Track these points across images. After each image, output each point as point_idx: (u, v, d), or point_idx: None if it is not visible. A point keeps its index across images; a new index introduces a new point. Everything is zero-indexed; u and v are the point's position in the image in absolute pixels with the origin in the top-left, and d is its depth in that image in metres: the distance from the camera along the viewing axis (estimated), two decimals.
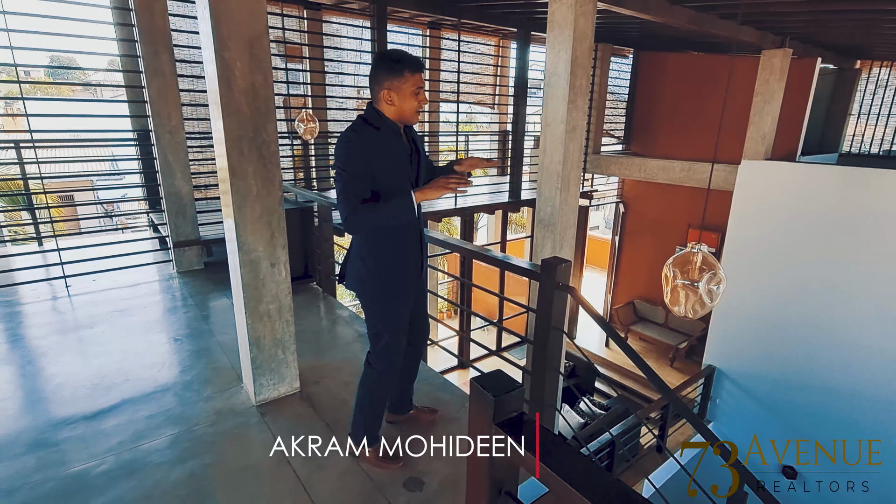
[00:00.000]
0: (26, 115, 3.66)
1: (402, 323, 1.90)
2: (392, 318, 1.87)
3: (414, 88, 1.70)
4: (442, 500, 1.88)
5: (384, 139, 1.73)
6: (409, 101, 1.71)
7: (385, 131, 1.74)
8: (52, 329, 3.23)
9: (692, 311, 1.86)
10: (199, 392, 2.53)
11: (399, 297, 1.86)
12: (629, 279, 9.78)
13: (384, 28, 5.53)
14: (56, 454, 2.05)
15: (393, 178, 1.74)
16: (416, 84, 1.70)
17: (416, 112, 1.75)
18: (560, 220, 3.68)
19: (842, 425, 5.62)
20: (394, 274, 1.83)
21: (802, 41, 6.58)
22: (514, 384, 1.04)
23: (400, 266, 1.84)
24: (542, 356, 1.98)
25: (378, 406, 2.00)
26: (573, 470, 0.89)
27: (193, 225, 4.33)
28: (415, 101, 1.72)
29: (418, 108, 1.74)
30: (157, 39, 3.88)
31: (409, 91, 1.69)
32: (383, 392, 1.99)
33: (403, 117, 1.75)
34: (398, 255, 1.83)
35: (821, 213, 5.58)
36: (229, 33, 1.98)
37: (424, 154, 1.93)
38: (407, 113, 1.74)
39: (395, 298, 1.85)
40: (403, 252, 1.84)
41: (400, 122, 1.78)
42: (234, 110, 2.07)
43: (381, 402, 2.01)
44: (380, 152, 1.71)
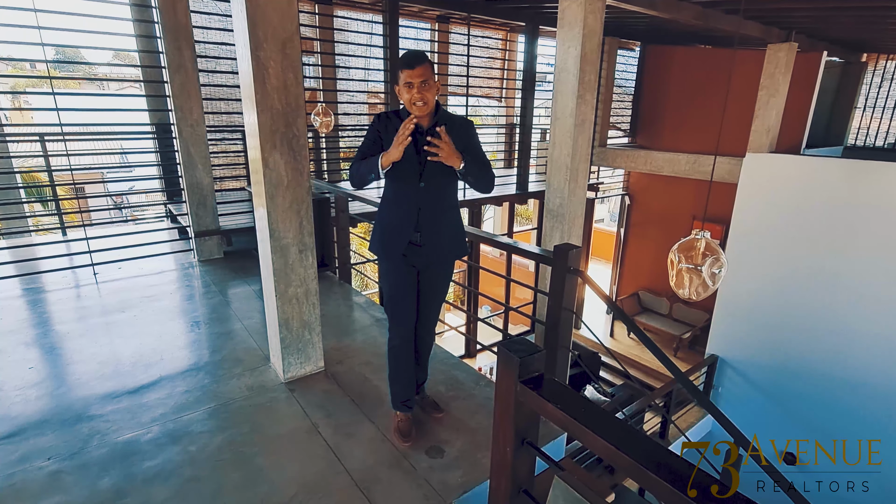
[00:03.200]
0: (56, 109, 3.81)
1: (397, 289, 2.07)
2: (383, 276, 2.10)
3: (404, 83, 1.86)
4: (460, 465, 2.05)
5: (395, 123, 1.92)
6: (403, 94, 1.89)
7: (401, 117, 1.94)
8: (86, 313, 3.41)
9: (696, 294, 2.00)
10: (231, 370, 2.71)
11: (385, 258, 2.06)
12: (634, 270, 9.91)
13: (396, 22, 5.65)
14: (105, 424, 2.23)
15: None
16: (405, 80, 1.86)
17: (412, 104, 1.88)
18: (569, 211, 3.82)
19: (843, 414, 5.75)
20: (378, 235, 2.06)
21: (808, 35, 6.65)
22: (536, 348, 1.19)
23: (388, 234, 2.03)
24: (555, 335, 2.13)
25: (393, 373, 2.17)
26: (587, 414, 1.04)
27: (214, 215, 4.49)
28: (406, 94, 1.88)
29: (412, 101, 1.87)
30: (179, 35, 4.02)
31: (402, 86, 1.87)
32: (393, 358, 2.15)
33: (409, 109, 1.93)
34: (388, 224, 2.04)
35: (825, 206, 5.67)
36: (265, 35, 2.13)
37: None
38: (407, 105, 1.92)
39: (382, 259, 2.09)
40: (393, 224, 2.02)
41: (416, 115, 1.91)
42: (267, 106, 2.22)
43: (395, 368, 2.16)
44: (388, 133, 1.94)
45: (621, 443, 0.97)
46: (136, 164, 5.99)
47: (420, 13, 7.26)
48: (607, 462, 1.00)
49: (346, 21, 6.41)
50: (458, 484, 1.95)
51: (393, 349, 2.15)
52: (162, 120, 5.16)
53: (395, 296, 2.09)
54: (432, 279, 2.14)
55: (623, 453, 0.95)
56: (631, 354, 8.55)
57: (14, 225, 4.92)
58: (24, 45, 3.91)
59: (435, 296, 2.19)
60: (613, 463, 1.01)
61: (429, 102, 1.90)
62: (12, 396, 2.42)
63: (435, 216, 2.02)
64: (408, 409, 2.22)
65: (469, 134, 2.01)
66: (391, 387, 2.23)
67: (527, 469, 1.29)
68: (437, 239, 2.05)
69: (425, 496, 1.89)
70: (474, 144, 2.01)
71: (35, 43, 3.77)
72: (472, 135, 2.03)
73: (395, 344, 2.13)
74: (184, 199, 4.49)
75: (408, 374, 2.18)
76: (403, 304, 2.10)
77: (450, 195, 2.08)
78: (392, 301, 2.10)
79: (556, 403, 1.08)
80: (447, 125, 1.92)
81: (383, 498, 1.87)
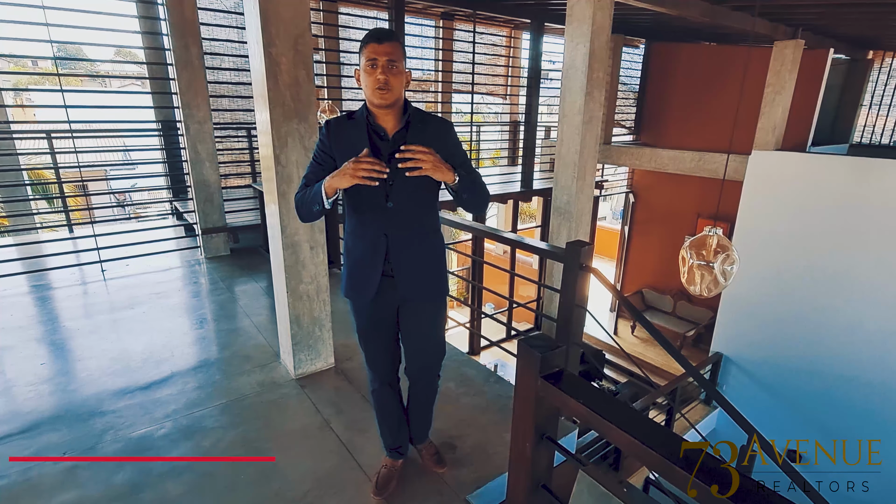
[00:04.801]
0: (65, 107, 3.82)
1: (368, 329, 1.75)
2: (357, 321, 1.77)
3: (367, 61, 1.47)
4: (472, 461, 2.06)
5: (350, 130, 1.57)
6: (365, 78, 1.49)
7: (356, 122, 1.57)
8: (95, 310, 3.42)
9: (707, 290, 2.01)
10: (241, 367, 2.72)
11: (353, 293, 1.71)
12: (638, 268, 9.91)
13: (402, 19, 5.63)
14: (119, 419, 2.24)
15: None
16: (367, 56, 1.46)
17: (374, 90, 1.48)
18: (576, 209, 3.82)
19: (848, 413, 5.74)
20: (349, 275, 1.70)
21: (815, 32, 6.62)
22: (556, 344, 1.20)
23: (355, 271, 1.68)
24: (566, 331, 2.14)
25: (378, 416, 1.92)
26: (611, 409, 1.05)
27: (220, 212, 4.50)
28: (368, 76, 1.48)
29: (375, 85, 1.47)
30: (186, 32, 4.01)
31: (364, 66, 1.48)
32: (376, 402, 1.89)
33: (369, 101, 1.53)
34: (353, 259, 1.68)
35: (831, 204, 5.66)
36: (277, 31, 2.13)
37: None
38: (367, 94, 1.51)
39: (353, 302, 1.74)
40: (358, 259, 1.67)
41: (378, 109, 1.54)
42: (279, 102, 2.22)
43: (380, 412, 1.90)
44: (341, 145, 1.57)
45: (647, 437, 0.97)
46: (142, 162, 6.00)
47: (425, 10, 7.25)
48: (629, 454, 1.01)
49: (350, 18, 6.41)
50: (472, 480, 1.95)
51: (374, 392, 1.88)
52: (168, 117, 5.17)
53: (365, 337, 1.78)
54: (413, 317, 1.75)
55: (649, 448, 0.95)
56: (635, 352, 8.56)
57: (22, 222, 4.93)
58: (29, 42, 3.91)
59: (421, 336, 1.78)
60: (638, 458, 1.01)
61: (394, 89, 1.48)
62: (25, 392, 2.44)
63: (410, 243, 1.64)
64: (398, 455, 1.95)
65: (448, 137, 1.61)
66: (380, 432, 1.94)
67: (545, 464, 1.29)
68: (415, 271, 1.67)
69: (439, 491, 1.90)
70: (460, 152, 1.62)
71: (43, 40, 3.77)
72: (453, 138, 1.63)
73: (375, 387, 1.86)
74: (190, 197, 4.50)
75: (395, 417, 1.90)
76: (377, 346, 1.79)
77: (429, 217, 1.68)
78: (362, 342, 1.79)
79: (578, 398, 1.09)
80: (421, 126, 1.57)
81: (397, 494, 1.88)
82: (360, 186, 1.49)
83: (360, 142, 1.54)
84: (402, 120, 1.57)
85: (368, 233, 1.63)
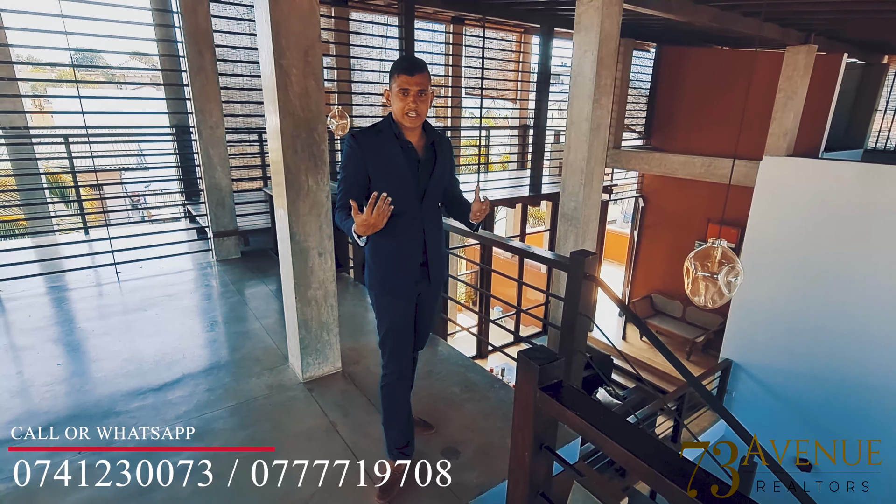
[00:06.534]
0: (82, 113, 3.92)
1: (393, 318, 1.86)
2: (383, 312, 1.86)
3: (399, 89, 1.69)
4: (475, 466, 2.09)
5: (380, 144, 1.75)
6: (396, 102, 1.71)
7: (384, 135, 1.76)
8: (110, 311, 3.51)
9: (711, 301, 2.01)
10: (250, 369, 2.77)
11: (388, 292, 1.84)
12: (647, 273, 9.86)
13: (412, 24, 5.69)
14: (132, 420, 2.30)
15: (384, 184, 1.72)
16: (400, 85, 1.69)
17: (405, 114, 1.71)
18: (583, 215, 3.84)
19: (859, 420, 5.67)
20: (389, 274, 1.82)
21: (827, 37, 6.56)
22: (555, 356, 1.22)
23: (395, 268, 1.82)
24: (570, 339, 2.16)
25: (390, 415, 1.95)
26: (606, 422, 1.07)
27: (232, 216, 4.58)
28: (399, 102, 1.70)
29: (405, 111, 1.70)
30: (200, 40, 4.10)
31: (395, 92, 1.70)
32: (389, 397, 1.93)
33: (397, 120, 1.75)
34: (393, 258, 1.81)
35: (843, 210, 5.59)
36: (287, 43, 2.18)
37: (446, 166, 1.87)
38: (397, 114, 1.74)
39: (384, 293, 1.85)
40: (400, 255, 1.82)
41: (404, 127, 1.76)
42: (289, 112, 2.27)
43: (392, 409, 1.95)
44: (374, 157, 1.74)
45: (639, 450, 0.99)
46: (155, 166, 6.12)
47: (435, 15, 7.31)
48: (623, 467, 1.04)
49: (360, 24, 6.48)
50: (474, 485, 1.98)
51: (388, 386, 1.92)
52: (181, 122, 5.27)
53: (399, 332, 1.88)
54: (430, 301, 1.99)
55: (641, 460, 0.97)
56: (643, 357, 8.51)
57: (40, 224, 5.05)
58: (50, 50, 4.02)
59: (433, 317, 2.05)
60: (631, 469, 1.03)
61: (422, 115, 1.73)
62: (42, 392, 2.51)
63: (437, 235, 1.90)
64: (404, 456, 1.98)
65: (451, 151, 1.90)
66: (387, 432, 1.98)
67: (544, 472, 1.32)
68: (440, 260, 1.92)
69: (441, 496, 1.93)
70: (454, 164, 1.92)
71: (62, 48, 3.88)
72: (452, 150, 1.91)
73: (392, 380, 1.91)
74: (202, 200, 4.58)
75: (405, 412, 1.96)
76: (406, 338, 1.90)
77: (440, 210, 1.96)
78: (394, 337, 1.88)
79: (575, 410, 1.11)
80: (436, 142, 1.83)
81: (401, 497, 1.91)
82: (389, 190, 1.64)
83: (394, 155, 1.75)
84: (422, 133, 1.81)
85: (408, 230, 1.81)
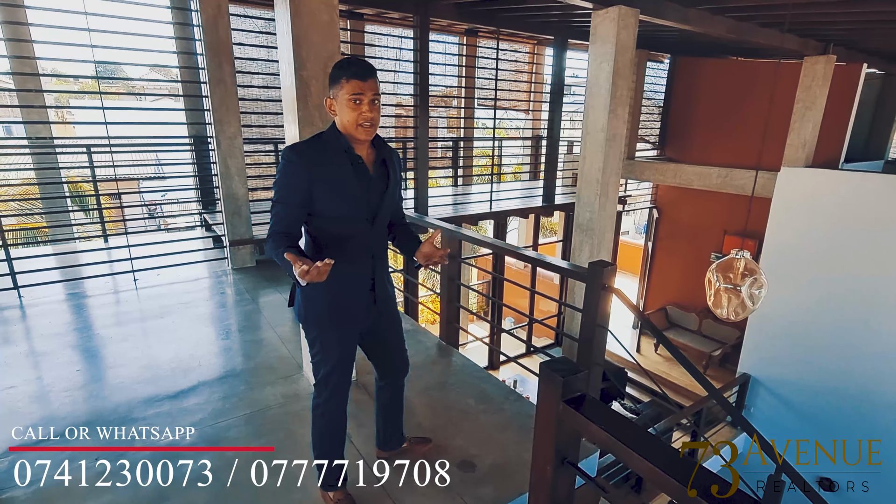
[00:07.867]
0: (105, 123, 4.01)
1: (342, 354, 1.70)
2: (329, 348, 1.68)
3: (349, 97, 1.47)
4: (492, 480, 2.05)
5: (327, 158, 1.54)
6: (345, 111, 1.49)
7: (331, 149, 1.55)
8: (127, 318, 3.55)
9: (734, 314, 1.97)
10: (265, 378, 2.78)
11: (335, 326, 1.66)
12: (662, 285, 9.73)
13: (427, 37, 5.74)
14: (148, 426, 2.31)
15: (331, 205, 1.55)
16: (351, 91, 1.47)
17: (357, 125, 1.50)
18: (598, 226, 3.81)
19: (880, 437, 5.51)
20: (328, 302, 1.63)
21: (846, 47, 6.49)
22: (578, 367, 1.20)
23: (343, 299, 1.64)
24: (588, 351, 2.12)
25: (329, 444, 1.79)
26: (632, 436, 1.05)
27: (248, 225, 4.63)
28: (351, 111, 1.48)
29: (359, 121, 1.49)
30: (220, 52, 4.18)
31: (344, 99, 1.49)
32: (331, 428, 1.77)
33: (347, 132, 1.54)
34: (340, 288, 1.61)
35: (863, 223, 5.50)
36: (308, 55, 2.21)
37: (398, 185, 1.73)
38: (347, 126, 1.52)
39: (331, 328, 1.66)
40: (348, 284, 1.64)
41: (354, 140, 1.56)
42: (308, 122, 2.30)
43: (332, 439, 1.79)
44: (319, 173, 1.52)
45: (668, 466, 0.97)
46: (173, 175, 6.23)
47: (449, 27, 7.38)
48: (652, 483, 1.01)
49: (375, 36, 6.57)
50: (491, 499, 1.95)
51: (327, 414, 1.73)
52: (199, 132, 5.36)
53: (346, 367, 1.72)
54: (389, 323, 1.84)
55: (670, 476, 0.94)
56: (658, 371, 8.38)
57: (61, 232, 5.15)
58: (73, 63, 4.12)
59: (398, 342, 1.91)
60: (658, 486, 1.00)
61: (376, 124, 1.54)
62: (62, 398, 2.54)
63: (385, 260, 1.75)
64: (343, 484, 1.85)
65: (399, 165, 1.74)
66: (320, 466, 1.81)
67: (566, 487, 1.29)
68: (387, 284, 1.78)
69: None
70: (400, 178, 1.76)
71: (87, 60, 3.98)
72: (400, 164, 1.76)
73: (330, 408, 1.73)
74: (219, 209, 4.63)
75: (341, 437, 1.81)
76: (348, 367, 1.74)
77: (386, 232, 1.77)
78: (340, 373, 1.71)
79: (599, 424, 1.09)
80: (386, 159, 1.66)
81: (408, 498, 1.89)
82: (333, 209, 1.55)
83: (344, 172, 1.55)
84: (370, 148, 1.64)
85: (356, 255, 1.63)
